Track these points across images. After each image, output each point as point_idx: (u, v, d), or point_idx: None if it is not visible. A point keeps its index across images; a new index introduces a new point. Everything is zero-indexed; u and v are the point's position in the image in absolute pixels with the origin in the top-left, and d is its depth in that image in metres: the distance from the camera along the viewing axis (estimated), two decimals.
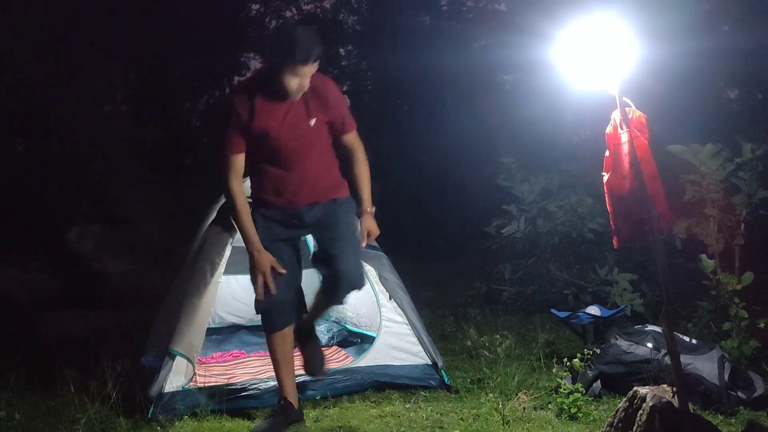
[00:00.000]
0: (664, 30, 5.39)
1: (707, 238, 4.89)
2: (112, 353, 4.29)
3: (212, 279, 3.94)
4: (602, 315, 4.77)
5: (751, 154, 4.75)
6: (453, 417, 3.71)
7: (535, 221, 6.90)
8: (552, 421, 3.60)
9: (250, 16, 16.61)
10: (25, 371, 4.38)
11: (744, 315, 4.43)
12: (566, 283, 6.67)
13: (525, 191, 6.99)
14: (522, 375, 4.34)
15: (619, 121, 2.91)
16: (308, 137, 3.34)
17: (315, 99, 3.30)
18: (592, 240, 6.66)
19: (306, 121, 3.30)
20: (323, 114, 3.34)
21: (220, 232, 4.12)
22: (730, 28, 6.74)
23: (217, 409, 3.70)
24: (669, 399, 2.73)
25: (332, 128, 3.42)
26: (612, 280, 6.14)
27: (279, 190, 3.41)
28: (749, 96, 6.12)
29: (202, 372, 4.12)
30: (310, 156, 3.37)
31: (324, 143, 3.44)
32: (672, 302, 2.91)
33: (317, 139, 3.39)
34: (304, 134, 3.33)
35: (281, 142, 3.30)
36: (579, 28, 2.88)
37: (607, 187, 3.01)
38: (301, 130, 3.31)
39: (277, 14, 17.00)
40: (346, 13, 17.22)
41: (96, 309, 6.49)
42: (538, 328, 5.57)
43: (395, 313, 4.35)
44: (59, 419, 3.58)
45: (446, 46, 13.70)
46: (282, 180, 3.39)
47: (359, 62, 17.33)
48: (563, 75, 3.02)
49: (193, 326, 3.80)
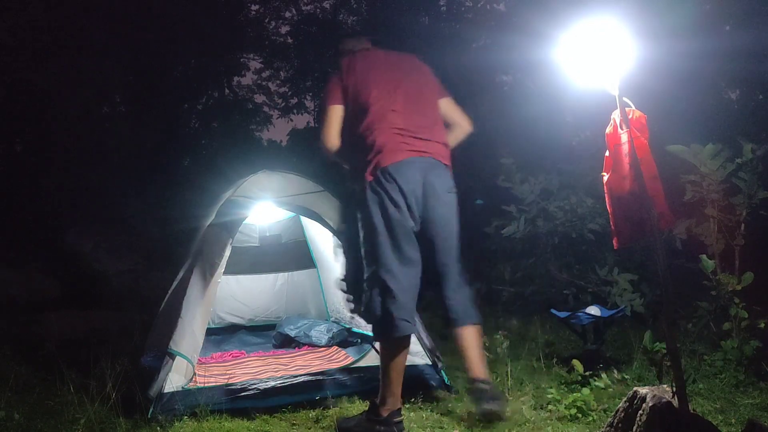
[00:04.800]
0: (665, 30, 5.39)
1: (707, 239, 4.89)
2: (112, 353, 4.29)
3: (212, 279, 3.94)
4: (602, 315, 4.76)
5: (752, 154, 4.74)
6: (453, 417, 3.71)
7: (535, 222, 6.90)
8: (552, 422, 3.60)
9: (249, 16, 16.61)
10: (25, 371, 4.38)
11: (744, 315, 4.42)
12: (566, 283, 6.67)
13: (525, 192, 6.98)
14: (522, 375, 4.33)
15: (619, 122, 2.90)
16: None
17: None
18: (592, 240, 6.66)
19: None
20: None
21: (220, 232, 4.12)
22: (731, 28, 6.74)
23: (217, 409, 3.70)
24: (669, 399, 2.73)
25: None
26: (612, 280, 6.14)
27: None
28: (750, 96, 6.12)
29: (202, 372, 4.12)
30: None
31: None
32: (672, 302, 2.91)
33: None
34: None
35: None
36: (579, 29, 2.88)
37: (607, 187, 3.01)
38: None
39: (276, 15, 17.02)
40: (345, 13, 17.23)
41: (96, 309, 6.49)
42: (538, 328, 5.57)
43: None
44: (59, 419, 3.58)
45: (445, 46, 13.69)
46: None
47: None
48: (563, 75, 3.02)
49: (193, 326, 3.80)
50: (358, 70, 3.43)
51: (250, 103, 17.10)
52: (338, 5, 17.07)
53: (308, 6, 17.11)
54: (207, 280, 3.92)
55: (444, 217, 3.34)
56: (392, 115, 3.30)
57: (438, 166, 3.36)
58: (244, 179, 4.55)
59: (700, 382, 4.21)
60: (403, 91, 3.40)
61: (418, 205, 3.26)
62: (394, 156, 3.22)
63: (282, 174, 4.64)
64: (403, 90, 3.40)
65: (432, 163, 3.32)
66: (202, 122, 15.44)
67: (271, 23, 17.17)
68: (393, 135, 3.26)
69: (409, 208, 3.23)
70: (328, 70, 16.66)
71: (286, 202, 4.46)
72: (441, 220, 3.32)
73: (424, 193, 3.26)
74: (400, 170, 3.21)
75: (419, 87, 3.48)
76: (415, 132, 3.31)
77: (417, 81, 3.50)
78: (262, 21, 16.98)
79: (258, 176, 4.56)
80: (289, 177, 4.63)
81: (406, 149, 3.26)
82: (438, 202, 3.30)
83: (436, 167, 3.34)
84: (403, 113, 3.33)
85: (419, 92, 3.46)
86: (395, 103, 3.34)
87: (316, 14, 17.16)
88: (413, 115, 3.35)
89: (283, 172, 4.70)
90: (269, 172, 4.61)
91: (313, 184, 4.65)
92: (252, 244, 6.12)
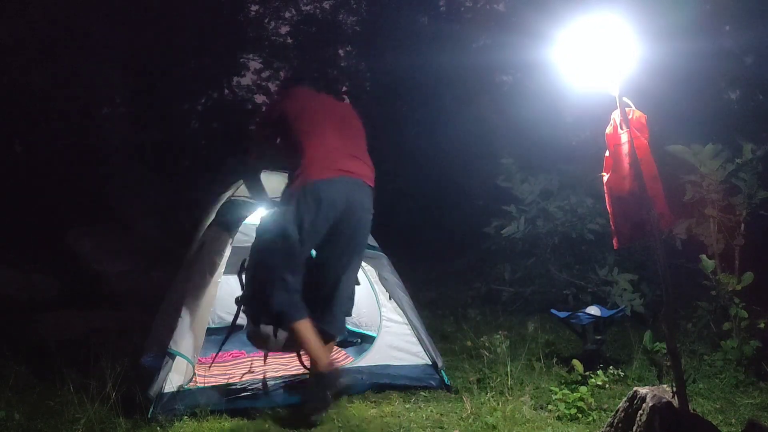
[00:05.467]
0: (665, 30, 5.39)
1: (707, 239, 4.89)
2: (112, 353, 4.28)
3: (212, 279, 3.94)
4: (602, 315, 4.76)
5: (751, 154, 4.75)
6: (453, 417, 3.71)
7: (535, 222, 6.89)
8: (552, 422, 3.60)
9: (249, 17, 16.60)
10: (25, 371, 4.38)
11: (744, 315, 4.43)
12: (566, 283, 6.67)
13: (525, 192, 6.98)
14: (522, 375, 4.34)
15: (619, 122, 2.91)
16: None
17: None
18: (592, 240, 6.66)
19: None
20: None
21: (220, 232, 4.12)
22: (731, 28, 6.74)
23: (217, 409, 3.70)
24: (669, 399, 2.73)
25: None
26: (612, 280, 6.14)
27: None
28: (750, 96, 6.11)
29: (202, 372, 4.12)
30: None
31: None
32: (672, 302, 2.91)
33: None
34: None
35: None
36: (579, 29, 2.88)
37: (607, 187, 3.01)
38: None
39: (276, 15, 17.01)
40: (345, 13, 17.24)
41: (96, 309, 6.48)
42: (538, 328, 5.57)
43: (395, 313, 4.36)
44: (59, 419, 3.58)
45: (445, 46, 13.71)
46: None
47: (358, 63, 17.35)
48: (563, 75, 3.02)
49: (193, 326, 3.80)
50: (302, 98, 3.86)
51: (250, 103, 17.10)
52: (338, 5, 17.07)
53: (308, 6, 17.12)
54: (207, 280, 3.92)
55: (354, 234, 3.69)
56: (329, 136, 3.66)
57: (363, 186, 3.69)
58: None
59: (700, 382, 4.21)
60: (340, 120, 3.80)
61: (335, 219, 3.60)
62: (323, 173, 3.56)
63: (282, 174, 4.62)
64: (340, 119, 3.81)
65: (358, 184, 3.66)
66: (202, 122, 15.44)
67: (271, 23, 17.18)
68: (327, 153, 3.61)
69: (326, 220, 3.57)
70: (328, 71, 16.69)
71: None
72: (351, 236, 3.68)
73: (344, 209, 3.60)
74: (328, 186, 3.55)
75: (354, 123, 3.90)
76: (347, 153, 3.67)
77: (352, 118, 3.92)
78: (262, 21, 16.98)
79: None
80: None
81: (336, 168, 3.59)
82: (353, 218, 3.65)
83: (361, 187, 3.67)
84: (339, 136, 3.69)
85: (354, 126, 3.88)
86: (333, 127, 3.72)
87: (315, 14, 17.16)
88: (347, 139, 3.74)
89: (283, 172, 4.69)
90: (269, 172, 4.61)
91: None
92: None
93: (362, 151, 3.79)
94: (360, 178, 3.67)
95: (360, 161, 3.72)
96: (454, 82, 13.95)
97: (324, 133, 3.66)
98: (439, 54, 13.04)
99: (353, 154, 3.69)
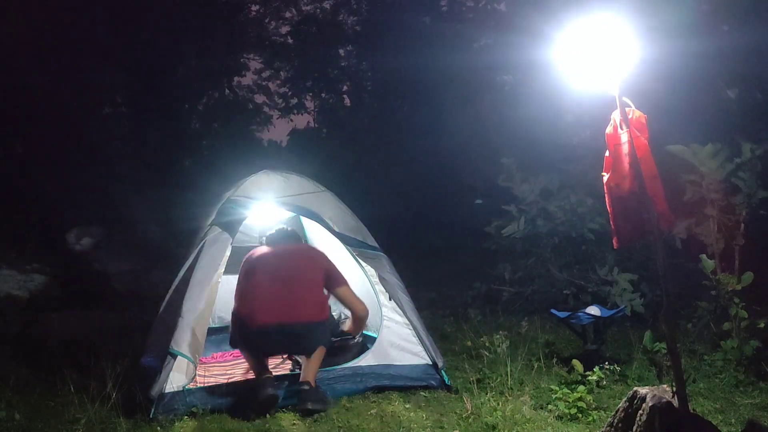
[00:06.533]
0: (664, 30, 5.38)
1: (707, 238, 4.89)
2: (112, 353, 4.29)
3: (212, 279, 3.94)
4: (602, 315, 4.76)
5: (751, 154, 4.75)
6: (453, 417, 3.71)
7: (535, 221, 6.90)
8: (552, 421, 3.60)
9: (249, 16, 16.60)
10: (25, 371, 4.38)
11: (744, 315, 4.43)
12: (566, 283, 6.67)
13: (525, 191, 6.98)
14: (522, 375, 4.34)
15: (619, 122, 2.91)
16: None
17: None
18: (592, 240, 6.66)
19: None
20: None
21: (220, 233, 4.12)
22: (730, 27, 6.73)
23: (217, 409, 3.70)
24: (669, 399, 2.73)
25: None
26: (612, 280, 6.14)
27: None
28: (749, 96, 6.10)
29: (202, 372, 4.12)
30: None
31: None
32: (672, 302, 2.91)
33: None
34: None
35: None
36: (579, 29, 2.88)
37: (607, 187, 3.01)
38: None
39: (276, 15, 17.00)
40: (345, 13, 17.22)
41: (96, 309, 6.49)
42: (538, 328, 5.57)
43: (396, 313, 4.36)
44: (59, 419, 3.58)
45: (446, 46, 13.70)
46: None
47: (359, 63, 17.33)
48: (563, 75, 3.02)
49: (193, 326, 3.80)
50: (257, 255, 4.23)
51: (251, 103, 17.09)
52: (338, 5, 17.05)
53: (308, 6, 17.10)
54: (207, 280, 3.92)
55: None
56: (270, 289, 4.01)
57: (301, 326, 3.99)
58: (245, 179, 4.54)
59: (700, 382, 4.21)
60: (287, 275, 4.09)
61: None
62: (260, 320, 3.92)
63: (282, 174, 4.63)
64: (287, 275, 4.09)
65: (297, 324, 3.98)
66: (202, 122, 15.42)
67: (271, 23, 17.16)
68: (264, 304, 3.96)
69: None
70: (328, 71, 16.67)
71: (286, 202, 4.46)
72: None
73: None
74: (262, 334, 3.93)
75: (303, 274, 4.14)
76: (284, 303, 3.97)
77: (304, 269, 4.18)
78: (262, 21, 16.96)
79: (258, 176, 4.55)
80: (289, 177, 4.62)
81: (272, 316, 3.92)
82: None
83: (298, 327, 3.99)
84: (281, 289, 4.00)
85: (303, 278, 4.12)
86: (276, 281, 4.04)
87: (316, 14, 17.14)
88: (288, 292, 4.01)
89: (284, 172, 4.69)
90: (269, 173, 4.61)
91: (313, 185, 4.64)
92: (252, 244, 6.10)
93: (301, 298, 4.06)
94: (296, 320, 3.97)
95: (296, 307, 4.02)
96: (455, 81, 13.94)
97: (265, 287, 4.05)
98: (440, 54, 13.03)
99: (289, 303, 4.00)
